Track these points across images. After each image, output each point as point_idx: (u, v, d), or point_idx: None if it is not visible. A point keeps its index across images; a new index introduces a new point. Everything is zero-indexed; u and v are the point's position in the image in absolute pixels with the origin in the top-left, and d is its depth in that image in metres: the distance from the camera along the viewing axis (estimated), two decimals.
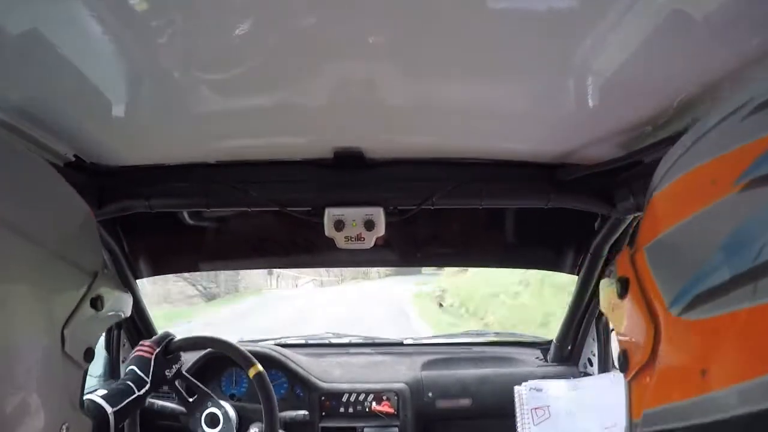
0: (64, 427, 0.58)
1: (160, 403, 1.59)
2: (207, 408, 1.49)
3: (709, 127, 0.45)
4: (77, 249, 0.59)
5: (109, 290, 0.63)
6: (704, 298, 0.37)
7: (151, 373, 1.32)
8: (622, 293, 0.52)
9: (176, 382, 1.47)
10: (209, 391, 1.51)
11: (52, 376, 0.56)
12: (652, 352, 0.44)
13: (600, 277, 1.51)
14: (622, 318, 0.53)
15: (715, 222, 0.38)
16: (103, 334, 1.75)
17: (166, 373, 1.39)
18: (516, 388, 1.59)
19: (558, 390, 1.58)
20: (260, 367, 1.43)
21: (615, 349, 1.54)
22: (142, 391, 1.27)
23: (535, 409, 1.53)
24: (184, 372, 1.46)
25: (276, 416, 1.41)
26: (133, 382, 1.26)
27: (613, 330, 1.59)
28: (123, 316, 0.67)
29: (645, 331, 0.45)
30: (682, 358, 0.42)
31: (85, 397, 0.58)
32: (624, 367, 0.53)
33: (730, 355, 0.36)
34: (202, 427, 1.48)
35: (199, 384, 1.50)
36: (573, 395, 1.55)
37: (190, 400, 1.50)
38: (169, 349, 1.42)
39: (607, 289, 0.60)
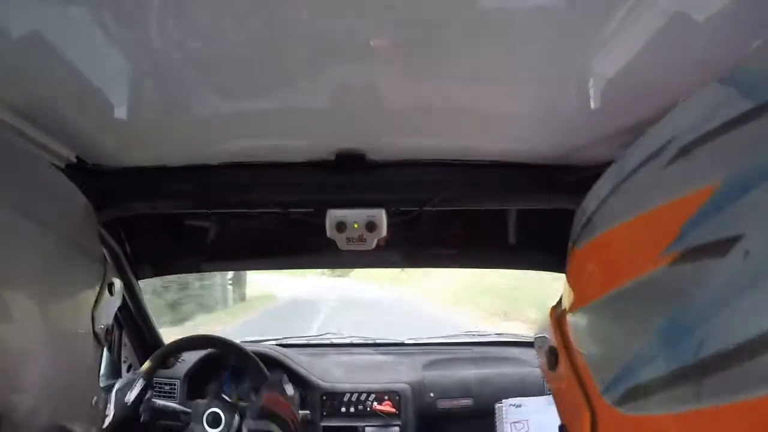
0: (93, 401, 0.63)
1: (162, 402, 1.60)
2: (209, 407, 1.49)
3: (630, 170, 0.40)
4: (87, 240, 0.63)
5: (116, 277, 0.67)
6: (640, 393, 0.33)
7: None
8: (552, 366, 0.46)
9: (177, 383, 1.48)
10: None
11: (84, 354, 0.61)
12: None
13: None
14: (557, 389, 0.47)
15: (645, 300, 0.33)
16: None
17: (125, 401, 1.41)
18: (497, 405, 1.61)
19: (536, 405, 1.61)
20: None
21: None
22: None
23: (515, 423, 1.55)
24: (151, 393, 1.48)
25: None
26: None
27: None
28: (119, 301, 0.71)
29: (581, 415, 0.40)
30: None
31: None
32: None
33: None
34: (203, 426, 1.48)
35: None
36: (551, 409, 1.55)
37: (192, 399, 1.50)
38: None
39: (539, 351, 0.52)
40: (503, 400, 1.60)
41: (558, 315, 0.47)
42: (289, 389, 1.28)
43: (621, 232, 0.38)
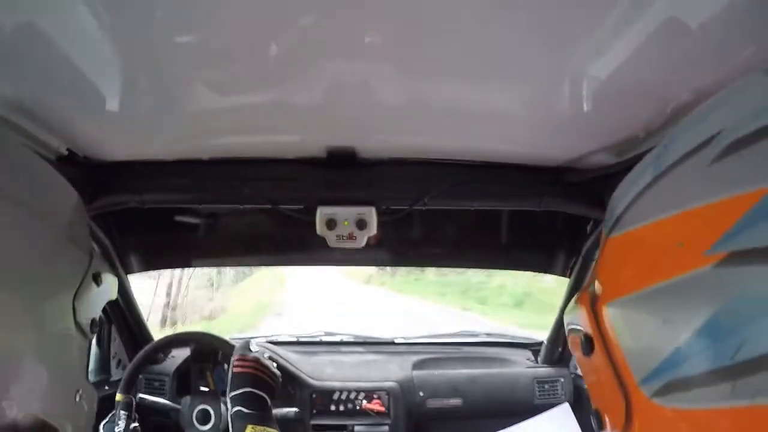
0: (78, 395, 0.62)
1: (152, 398, 1.59)
2: (198, 404, 1.49)
3: (672, 162, 0.38)
4: (75, 230, 0.63)
5: (105, 269, 0.67)
6: (679, 387, 0.33)
7: None
8: (588, 352, 0.46)
9: (166, 379, 1.48)
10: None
11: (67, 346, 0.60)
12: (626, 426, 0.40)
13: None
14: (591, 375, 0.47)
15: (686, 298, 0.33)
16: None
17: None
18: None
19: None
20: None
21: None
22: None
23: None
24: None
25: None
26: None
27: None
28: (113, 296, 0.71)
29: (616, 403, 0.41)
30: None
31: None
32: (599, 426, 0.48)
33: None
34: (193, 423, 1.48)
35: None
36: None
37: (181, 396, 1.50)
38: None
39: (572, 335, 0.53)
40: None
41: (592, 302, 0.46)
42: (254, 347, 1.27)
43: (663, 226, 0.37)
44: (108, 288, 0.69)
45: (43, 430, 0.54)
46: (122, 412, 1.40)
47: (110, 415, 1.46)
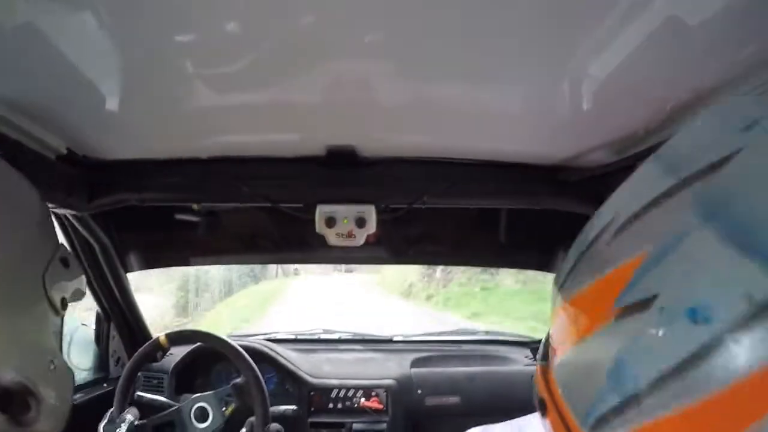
0: (52, 364, 0.65)
1: (150, 396, 1.59)
2: (196, 402, 1.49)
3: (588, 244, 0.48)
4: (38, 219, 0.68)
5: (71, 257, 0.71)
6: (604, 420, 0.40)
7: None
8: (543, 414, 0.53)
9: (165, 377, 1.48)
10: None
11: (39, 315, 0.64)
12: None
13: None
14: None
15: (600, 350, 0.41)
16: (93, 328, 1.76)
17: None
18: None
19: (504, 429, 1.59)
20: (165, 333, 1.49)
21: None
22: None
23: None
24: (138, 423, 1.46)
25: (263, 387, 1.43)
26: None
27: None
28: (82, 289, 0.74)
29: None
30: None
31: None
32: None
33: None
34: (191, 421, 1.48)
35: None
36: None
37: (180, 394, 1.50)
38: (111, 418, 1.46)
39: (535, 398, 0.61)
40: (472, 428, 1.59)
41: (545, 370, 0.55)
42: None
43: (588, 292, 0.46)
44: (77, 277, 0.73)
45: (21, 390, 0.57)
46: (127, 417, 1.41)
47: (109, 412, 1.47)
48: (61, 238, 1.10)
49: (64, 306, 0.68)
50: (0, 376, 0.55)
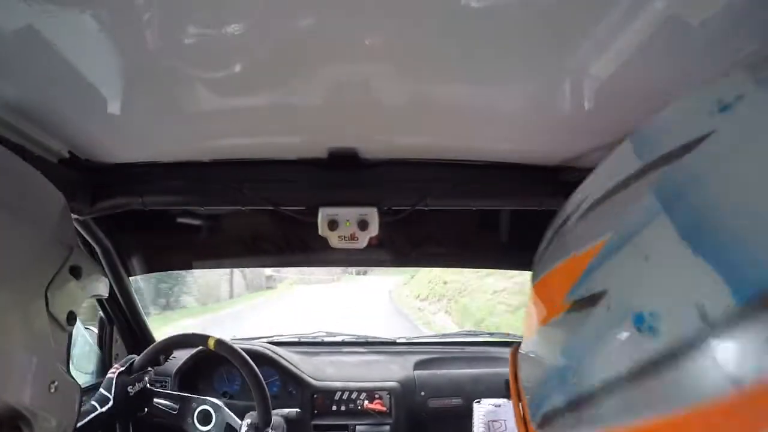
0: (53, 386, 0.62)
1: (153, 399, 1.59)
2: (199, 405, 1.49)
3: (560, 222, 0.44)
4: (54, 223, 0.64)
5: (87, 263, 0.69)
6: (548, 420, 0.38)
7: (113, 392, 1.40)
8: (507, 394, 0.52)
9: (167, 382, 1.48)
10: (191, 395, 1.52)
11: (39, 336, 0.61)
12: None
13: None
14: (513, 414, 0.52)
15: (549, 341, 0.38)
16: (96, 331, 1.76)
17: (129, 390, 1.44)
18: (475, 404, 1.60)
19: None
20: (216, 336, 1.47)
21: None
22: (104, 408, 1.36)
23: (493, 421, 1.55)
24: (149, 387, 1.50)
25: (262, 383, 1.43)
26: (96, 401, 1.37)
27: None
28: (102, 294, 0.71)
29: None
30: None
31: None
32: None
33: None
34: (194, 424, 1.48)
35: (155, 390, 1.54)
36: None
37: (181, 398, 1.50)
38: (132, 369, 1.47)
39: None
40: (482, 400, 1.60)
41: (515, 348, 0.53)
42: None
43: (546, 280, 0.42)
44: (91, 283, 0.70)
45: (12, 417, 0.55)
46: (147, 378, 1.47)
47: (126, 366, 1.48)
48: None
49: (71, 321, 0.65)
50: None
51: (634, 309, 0.30)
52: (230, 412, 1.47)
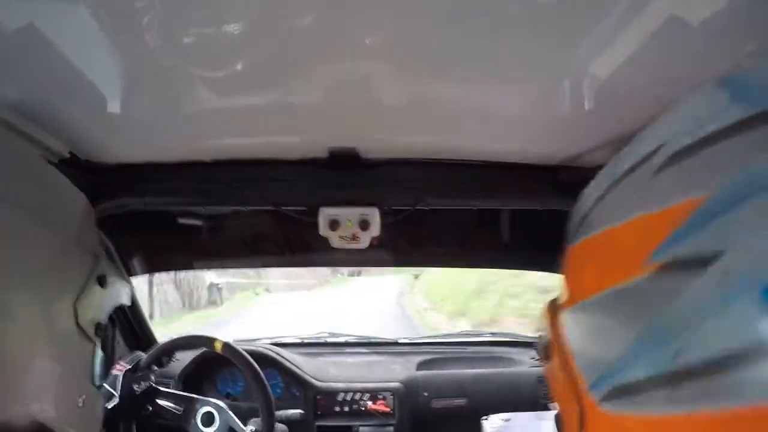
0: (80, 399, 0.62)
1: (156, 401, 1.59)
2: (202, 407, 1.49)
3: (622, 173, 0.40)
4: (82, 233, 0.63)
5: (111, 271, 0.67)
6: (619, 392, 0.34)
7: (119, 389, 1.41)
8: (545, 357, 0.48)
9: (171, 384, 1.48)
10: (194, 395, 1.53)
11: (68, 349, 0.60)
12: (581, 431, 0.40)
13: None
14: (551, 380, 0.48)
15: (629, 305, 0.34)
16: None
17: (135, 388, 1.45)
18: (483, 422, 1.59)
19: (525, 419, 1.59)
20: (223, 340, 1.48)
21: None
22: (110, 405, 1.36)
23: None
24: (154, 386, 1.51)
25: (267, 389, 1.43)
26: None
27: None
28: (123, 302, 0.70)
29: (571, 409, 0.41)
30: None
31: None
32: (559, 429, 0.48)
33: None
34: (198, 426, 1.48)
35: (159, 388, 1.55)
36: (539, 424, 1.55)
37: (185, 398, 1.50)
38: (138, 366, 1.49)
39: (540, 341, 0.54)
40: (490, 416, 1.59)
41: (554, 310, 0.48)
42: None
43: (612, 234, 0.38)
44: (116, 292, 0.69)
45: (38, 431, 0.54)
46: (153, 376, 1.48)
47: (134, 364, 1.48)
48: None
49: (99, 332, 0.64)
50: (22, 419, 0.51)
51: (762, 277, 0.26)
52: (233, 414, 1.48)
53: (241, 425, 1.45)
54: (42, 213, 0.57)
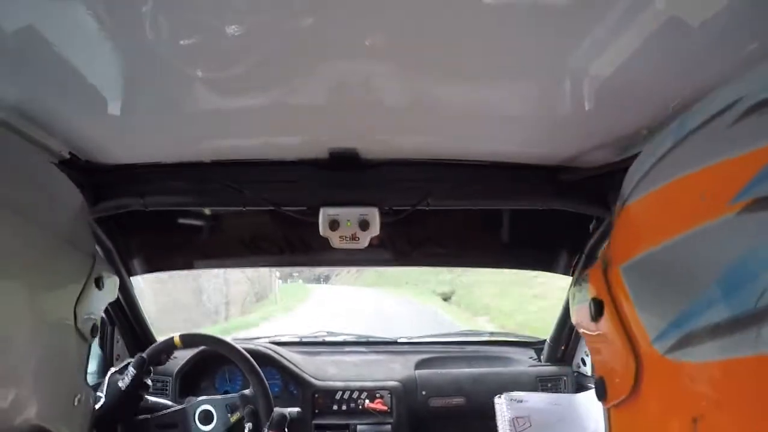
0: (76, 399, 0.62)
1: (154, 399, 1.59)
2: (200, 404, 1.49)
3: (691, 129, 0.41)
4: (78, 234, 0.63)
5: (106, 271, 0.67)
6: (696, 339, 0.32)
7: (105, 390, 1.43)
8: (596, 316, 0.47)
9: (169, 380, 1.49)
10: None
11: (66, 350, 0.61)
12: (634, 387, 0.40)
13: None
14: (597, 341, 0.47)
15: (708, 247, 0.33)
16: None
17: (119, 385, 1.46)
18: (496, 399, 1.58)
19: (539, 402, 1.58)
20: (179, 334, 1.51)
21: None
22: (97, 406, 1.37)
23: (517, 418, 1.52)
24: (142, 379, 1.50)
25: (259, 373, 1.43)
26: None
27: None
28: (113, 297, 0.71)
29: (625, 364, 0.40)
30: (670, 401, 0.37)
31: None
32: (601, 395, 0.47)
33: (727, 408, 0.31)
34: (195, 423, 1.48)
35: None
36: (554, 409, 1.54)
37: (184, 397, 1.51)
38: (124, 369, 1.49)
39: (577, 305, 0.53)
40: (503, 395, 1.57)
41: (604, 268, 0.48)
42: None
43: (683, 183, 0.38)
44: (109, 290, 0.69)
45: None
46: (132, 368, 1.46)
47: (121, 366, 1.49)
48: None
49: (94, 333, 0.65)
50: (20, 421, 0.51)
51: None
52: (229, 410, 1.48)
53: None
54: (41, 214, 0.57)
